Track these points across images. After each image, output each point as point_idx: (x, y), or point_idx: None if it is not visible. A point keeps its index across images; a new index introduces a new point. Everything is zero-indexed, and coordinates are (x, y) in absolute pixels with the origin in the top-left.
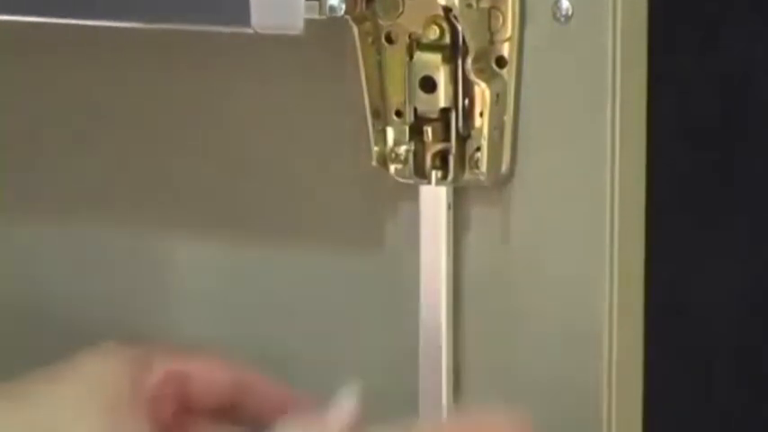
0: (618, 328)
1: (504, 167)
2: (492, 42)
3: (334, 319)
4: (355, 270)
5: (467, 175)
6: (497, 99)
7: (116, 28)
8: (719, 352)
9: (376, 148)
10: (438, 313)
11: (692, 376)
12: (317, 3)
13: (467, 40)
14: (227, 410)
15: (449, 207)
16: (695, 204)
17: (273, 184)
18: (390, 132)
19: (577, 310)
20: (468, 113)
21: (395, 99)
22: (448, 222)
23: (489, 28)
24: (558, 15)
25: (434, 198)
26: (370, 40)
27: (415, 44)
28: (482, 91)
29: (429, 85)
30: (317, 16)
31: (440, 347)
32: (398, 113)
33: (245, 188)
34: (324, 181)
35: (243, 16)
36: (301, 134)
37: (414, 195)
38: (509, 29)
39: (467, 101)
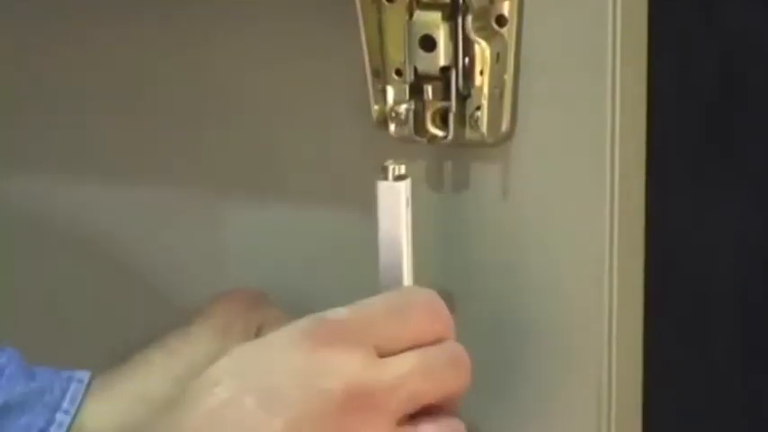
0: (618, 284)
1: (505, 126)
2: (492, 1)
3: (333, 273)
4: (352, 228)
5: (467, 134)
6: (498, 58)
7: None
8: (719, 301)
9: (376, 108)
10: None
11: (691, 325)
12: None
13: None
14: None
15: (407, 203)
16: (695, 160)
17: (273, 144)
18: (390, 91)
19: (578, 267)
20: (469, 72)
21: (395, 58)
22: (407, 219)
23: None
24: None
25: (394, 194)
26: None
27: (415, 3)
28: (482, 50)
29: (429, 43)
30: None
31: None
32: (398, 72)
33: (244, 146)
34: (324, 140)
35: None
36: (301, 94)
37: (414, 154)
38: None
39: (467, 60)
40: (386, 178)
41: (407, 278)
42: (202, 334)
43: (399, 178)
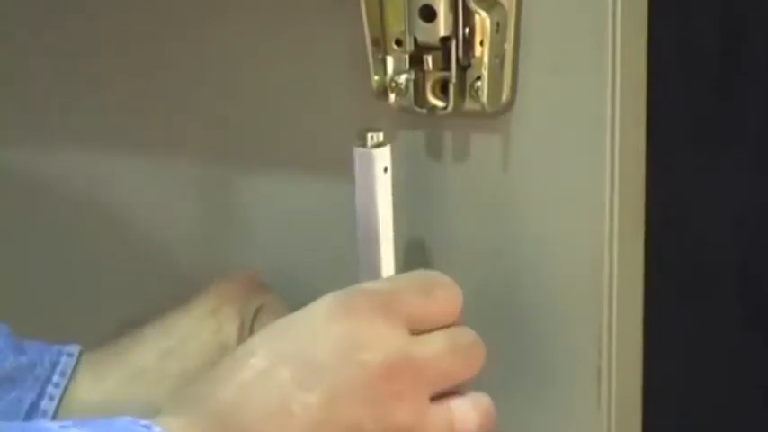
0: (618, 252)
1: (505, 96)
2: None
3: (333, 243)
4: (352, 199)
5: (467, 104)
6: (498, 28)
7: None
8: (718, 270)
9: (376, 78)
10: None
11: (691, 296)
12: None
13: None
14: None
15: (385, 170)
16: (695, 129)
17: (271, 115)
18: (390, 61)
19: (577, 236)
20: (469, 42)
21: (395, 28)
22: (386, 185)
23: None
24: None
25: (369, 161)
26: None
27: None
28: (482, 20)
29: (429, 13)
30: None
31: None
32: (398, 42)
33: (242, 118)
34: (323, 111)
35: None
36: (300, 64)
37: (413, 124)
38: None
39: (467, 30)
40: (364, 145)
41: (385, 247)
42: (196, 313)
43: (378, 146)
